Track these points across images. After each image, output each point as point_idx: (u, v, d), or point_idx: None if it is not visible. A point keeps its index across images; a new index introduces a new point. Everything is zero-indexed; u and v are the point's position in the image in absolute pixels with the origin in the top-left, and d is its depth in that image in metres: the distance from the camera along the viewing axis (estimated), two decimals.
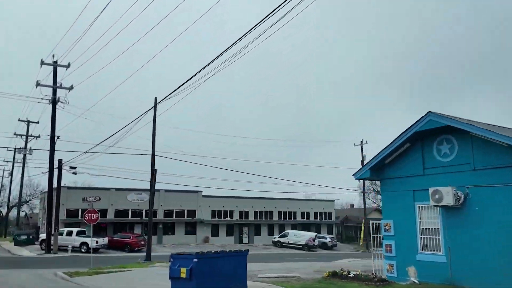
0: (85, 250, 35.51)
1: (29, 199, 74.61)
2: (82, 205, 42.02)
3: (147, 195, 44.46)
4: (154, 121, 24.24)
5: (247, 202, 52.57)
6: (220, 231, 50.25)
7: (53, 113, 36.13)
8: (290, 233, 50.01)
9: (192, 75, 15.72)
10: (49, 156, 35.67)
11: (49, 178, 35.40)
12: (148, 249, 23.25)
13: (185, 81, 16.73)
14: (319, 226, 58.60)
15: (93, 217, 19.91)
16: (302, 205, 57.21)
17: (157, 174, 25.51)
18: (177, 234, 47.03)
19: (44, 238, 35.79)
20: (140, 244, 38.87)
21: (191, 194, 48.66)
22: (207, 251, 10.99)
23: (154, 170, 22.83)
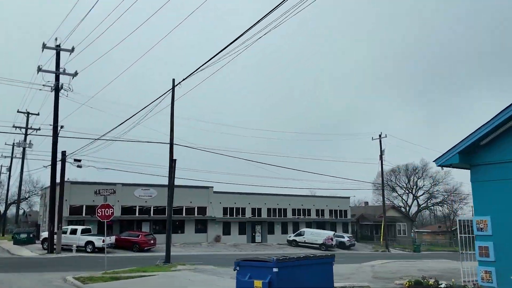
0: (91, 250, 32.95)
1: (29, 195, 71.98)
2: (86, 201, 39.40)
3: (155, 190, 41.87)
4: (172, 105, 21.59)
5: (259, 199, 49.95)
6: (232, 230, 47.64)
7: (56, 101, 33.48)
8: (306, 231, 47.43)
9: (215, 54, 13.54)
10: (51, 148, 33.02)
11: (51, 172, 32.73)
12: (167, 249, 20.63)
13: (207, 60, 14.40)
14: (334, 224, 56.04)
15: (107, 212, 17.31)
16: (317, 202, 54.62)
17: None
18: (187, 233, 44.42)
19: (46, 237, 33.18)
20: (149, 243, 36.29)
21: (202, 190, 46.03)
22: (288, 256, 8.25)
23: (173, 160, 20.19)
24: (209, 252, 38.14)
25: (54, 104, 33.52)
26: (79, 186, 38.96)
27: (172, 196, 20.23)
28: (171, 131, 21.66)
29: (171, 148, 21.51)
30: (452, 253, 53.13)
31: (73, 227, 34.50)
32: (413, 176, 65.89)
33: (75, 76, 33.99)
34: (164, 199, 43.05)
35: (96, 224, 39.26)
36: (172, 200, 20.14)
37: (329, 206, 55.85)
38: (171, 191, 20.36)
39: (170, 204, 19.61)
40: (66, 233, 33.46)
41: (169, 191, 20.99)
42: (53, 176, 32.53)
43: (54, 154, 32.82)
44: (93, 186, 39.82)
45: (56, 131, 33.08)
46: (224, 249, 41.04)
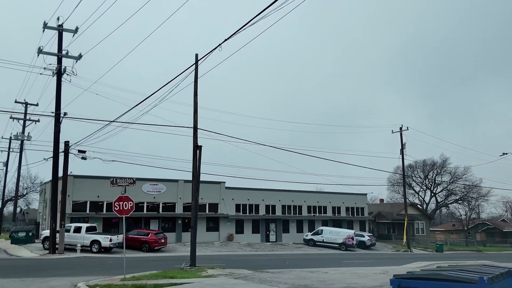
0: (97, 250, 30.14)
1: (26, 192, 68.96)
2: (90, 197, 36.58)
3: (164, 185, 39.03)
4: (195, 82, 18.74)
5: (274, 195, 47.16)
6: (245, 228, 44.86)
7: (58, 86, 30.64)
8: (325, 230, 44.69)
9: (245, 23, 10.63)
10: (53, 137, 30.16)
11: (53, 164, 29.90)
12: (192, 250, 17.79)
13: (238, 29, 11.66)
14: (351, 223, 53.29)
15: (126, 206, 14.49)
16: (333, 198, 51.82)
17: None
18: (198, 231, 40.90)
19: (48, 236, 30.39)
20: (160, 242, 33.49)
21: (213, 185, 43.20)
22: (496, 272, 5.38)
23: (198, 146, 17.41)
24: (224, 252, 35.37)
25: (56, 89, 30.67)
26: (82, 181, 36.11)
27: (197, 189, 17.43)
28: (194, 112, 18.85)
29: (195, 132, 18.69)
30: (476, 253, 50.50)
31: (77, 225, 31.67)
32: (432, 172, 63.15)
33: (79, 60, 31.20)
34: (173, 195, 40.43)
35: (101, 221, 36.48)
36: (197, 192, 17.35)
37: (345, 203, 53.09)
38: (196, 182, 17.53)
39: (196, 196, 16.82)
40: (69, 232, 30.64)
41: (193, 182, 18.15)
42: (55, 169, 29.70)
43: (56, 144, 29.97)
44: (97, 181, 37.01)
45: (58, 119, 30.22)
46: (239, 249, 38.28)
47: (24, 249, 30.98)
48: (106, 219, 37.01)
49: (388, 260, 32.87)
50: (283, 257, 32.37)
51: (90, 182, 36.74)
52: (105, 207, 37.24)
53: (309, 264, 25.70)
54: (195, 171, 18.18)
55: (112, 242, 30.40)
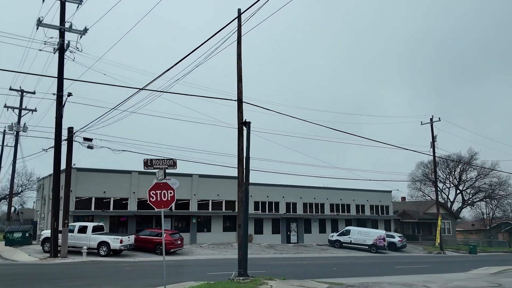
0: (105, 253, 26.32)
1: (21, 190, 64.89)
2: (96, 193, 32.72)
3: (177, 180, 35.18)
4: (238, 43, 14.93)
5: (295, 192, 43.42)
6: (265, 228, 41.10)
7: (60, 64, 26.85)
8: (353, 230, 40.97)
9: None
10: (55, 123, 26.33)
11: (55, 153, 26.10)
12: (243, 256, 13.91)
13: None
14: (376, 222, 49.60)
15: (166, 196, 10.71)
16: (357, 196, 48.11)
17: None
18: (214, 231, 37.80)
19: (48, 237, 26.57)
20: (176, 244, 29.70)
21: (230, 180, 39.28)
22: None
23: (246, 122, 13.70)
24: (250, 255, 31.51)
25: (58, 67, 26.83)
26: (86, 174, 32.23)
27: (247, 177, 13.63)
28: (238, 81, 15.07)
29: (240, 105, 14.89)
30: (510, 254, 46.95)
31: (82, 224, 27.81)
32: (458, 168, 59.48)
33: (84, 34, 27.41)
34: (187, 191, 36.58)
35: (108, 220, 32.61)
36: (247, 181, 13.52)
37: (370, 201, 49.40)
38: (245, 168, 13.73)
39: (245, 186, 12.98)
40: (73, 232, 26.84)
41: (239, 169, 14.35)
42: (56, 159, 25.87)
43: (59, 131, 26.11)
44: (103, 174, 33.24)
45: (60, 102, 26.37)
46: (261, 251, 34.50)
47: (21, 252, 27.12)
48: (113, 218, 33.17)
49: (441, 264, 29.18)
50: (319, 260, 28.66)
51: (96, 176, 32.88)
52: (112, 204, 33.38)
53: (363, 272, 22.03)
54: (242, 154, 14.39)
55: (123, 244, 26.57)
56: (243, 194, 14.29)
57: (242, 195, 14.26)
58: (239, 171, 14.28)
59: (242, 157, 14.45)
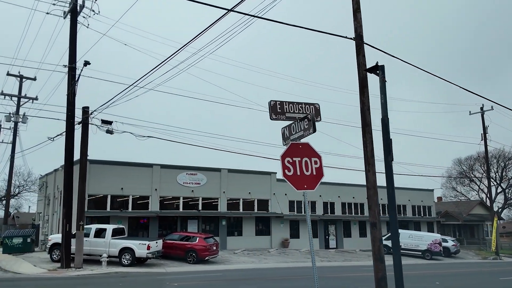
0: (129, 262, 21.53)
1: (18, 191, 59.78)
2: (111, 189, 27.94)
3: (204, 176, 30.55)
4: None
5: (332, 190, 38.66)
6: (301, 231, 36.25)
7: (73, 29, 22.37)
8: (403, 233, 36.17)
9: None
10: (66, 102, 21.61)
11: (66, 138, 21.34)
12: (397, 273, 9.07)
13: None
14: (418, 224, 44.96)
15: (310, 168, 5.98)
16: (398, 195, 42.80)
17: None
18: (246, 235, 32.98)
19: (58, 242, 21.72)
20: (212, 250, 24.85)
21: (262, 176, 34.70)
22: None
23: (377, 67, 8.93)
24: (298, 263, 26.79)
25: (70, 33, 22.22)
26: (101, 168, 27.38)
27: (388, 146, 8.84)
28: (356, 10, 10.40)
29: (360, 45, 10.22)
30: None
31: (100, 227, 22.98)
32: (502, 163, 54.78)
33: None
34: (215, 188, 31.76)
35: (126, 222, 27.76)
36: (389, 149, 8.72)
37: (411, 200, 44.65)
38: (385, 131, 8.98)
39: (389, 156, 8.18)
40: (88, 236, 21.98)
41: (366, 137, 9.58)
42: (69, 146, 21.11)
43: (71, 111, 21.38)
44: (121, 168, 28.47)
45: (73, 76, 21.63)
46: (306, 258, 29.69)
47: (23, 262, 22.24)
48: (132, 219, 28.31)
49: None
50: None
51: (111, 170, 28.06)
52: (131, 203, 28.53)
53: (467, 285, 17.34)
54: (368, 114, 9.65)
55: (150, 251, 21.75)
56: (374, 176, 9.51)
57: (374, 179, 9.49)
58: (367, 142, 9.48)
59: (370, 121, 9.67)
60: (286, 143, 6.61)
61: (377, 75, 9.65)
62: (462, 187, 60.11)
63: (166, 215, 29.35)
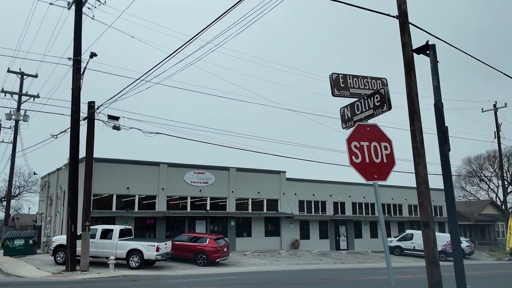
0: (137, 264, 20.48)
1: (19, 192, 58.74)
2: (117, 189, 26.93)
3: (212, 175, 29.55)
4: None
5: (343, 190, 37.68)
6: (311, 231, 35.24)
7: (78, 20, 21.28)
8: (416, 234, 35.19)
9: None
10: (71, 96, 20.62)
11: (71, 135, 20.37)
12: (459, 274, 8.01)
13: None
14: None
15: (379, 155, 4.98)
16: (409, 194, 42.31)
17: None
18: (255, 236, 31.95)
19: (63, 244, 20.76)
20: (223, 252, 23.82)
21: (271, 175, 33.69)
22: None
23: (427, 46, 7.91)
24: (309, 266, 25.78)
25: (75, 24, 21.28)
26: (106, 166, 26.34)
27: (443, 134, 7.78)
28: None
29: (404, 23, 9.20)
30: None
31: (106, 227, 21.97)
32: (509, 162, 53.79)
33: None
34: (224, 188, 30.71)
35: (132, 222, 26.73)
36: (445, 137, 7.69)
37: None
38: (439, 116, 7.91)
39: (445, 147, 7.15)
40: (94, 237, 20.97)
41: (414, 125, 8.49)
42: (74, 142, 20.11)
43: (76, 105, 20.36)
44: (126, 167, 27.45)
45: (78, 68, 20.62)
46: (318, 260, 28.67)
47: (26, 265, 21.21)
48: (138, 220, 27.28)
49: None
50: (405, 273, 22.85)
51: (117, 169, 27.05)
52: (137, 203, 27.50)
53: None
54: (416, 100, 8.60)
55: (160, 253, 20.72)
56: (425, 169, 8.47)
57: (424, 172, 8.45)
58: (416, 131, 8.42)
59: (418, 107, 8.63)
60: (347, 126, 5.61)
61: (426, 56, 8.63)
62: (471, 186, 59.13)
63: (174, 215, 28.31)
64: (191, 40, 13.78)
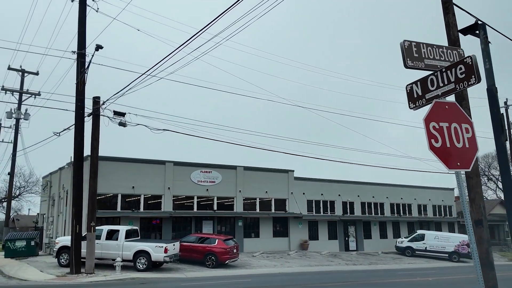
0: (144, 266, 19.65)
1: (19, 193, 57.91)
2: (122, 188, 26.11)
3: (219, 173, 28.83)
4: None
5: (352, 189, 36.86)
6: (320, 232, 34.39)
7: (82, 11, 20.37)
8: (428, 235, 34.39)
9: None
10: (75, 91, 19.84)
11: (76, 131, 19.57)
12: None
13: None
14: (439, 225, 43.10)
15: (461, 139, 4.11)
16: (419, 194, 41.51)
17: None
18: (263, 237, 31.12)
19: (67, 245, 19.89)
20: (232, 253, 22.98)
21: (279, 174, 32.86)
22: None
23: (477, 25, 7.04)
24: (321, 267, 24.94)
25: (79, 17, 20.39)
26: (110, 165, 25.48)
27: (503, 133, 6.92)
28: None
29: None
30: None
31: (112, 228, 21.14)
32: None
33: None
34: (231, 187, 29.88)
35: (138, 223, 25.91)
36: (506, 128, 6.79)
37: (432, 200, 42.76)
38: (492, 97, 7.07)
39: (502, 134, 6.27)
40: (99, 238, 20.15)
41: None
42: (78, 139, 19.29)
43: (81, 101, 19.55)
44: (132, 165, 26.60)
45: (83, 63, 19.81)
46: (329, 261, 27.84)
47: (28, 267, 20.38)
48: (144, 220, 26.45)
49: None
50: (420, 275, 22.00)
51: (122, 168, 26.22)
52: (143, 203, 26.67)
53: None
54: None
55: (168, 254, 19.88)
56: (476, 162, 7.62)
57: (475, 165, 7.61)
58: None
59: (467, 94, 7.79)
60: (417, 105, 4.78)
61: (475, 36, 7.80)
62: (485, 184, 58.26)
63: (180, 215, 27.47)
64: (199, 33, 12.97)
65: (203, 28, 12.68)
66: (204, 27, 12.58)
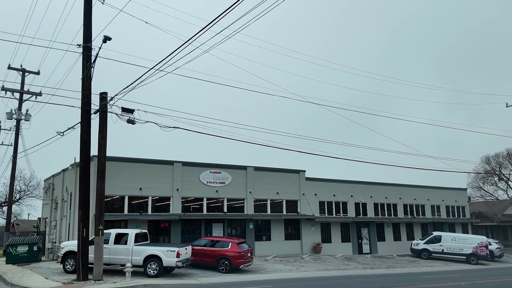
0: (155, 272, 18.55)
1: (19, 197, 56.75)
2: (129, 190, 25.04)
3: (229, 174, 27.71)
4: None
5: (364, 190, 35.80)
6: (333, 234, 33.27)
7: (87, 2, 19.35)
8: (444, 236, 33.30)
9: None
10: (81, 86, 18.79)
11: (82, 129, 18.52)
12: None
13: None
14: (453, 226, 42.03)
15: None
16: (432, 194, 40.44)
17: None
18: (274, 240, 30.02)
19: (73, 250, 18.81)
20: (247, 257, 21.85)
21: (290, 175, 31.81)
22: None
23: None
24: (339, 272, 23.82)
25: (85, 8, 19.39)
26: (116, 165, 24.35)
27: None
28: None
29: None
30: None
31: (120, 231, 20.04)
32: None
33: None
34: (241, 188, 28.66)
35: (146, 226, 24.80)
36: None
37: (445, 201, 41.68)
38: None
39: None
40: (107, 243, 19.03)
41: None
42: (85, 137, 18.23)
43: (87, 97, 18.50)
44: (139, 166, 25.52)
45: (89, 56, 18.75)
46: (345, 265, 26.73)
47: (32, 274, 19.26)
48: (151, 223, 25.34)
49: None
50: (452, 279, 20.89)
51: (128, 168, 25.11)
52: (150, 205, 25.55)
53: None
54: None
55: (180, 259, 18.77)
56: None
57: None
58: None
59: None
60: None
61: None
62: (489, 186, 57.27)
63: (190, 218, 26.35)
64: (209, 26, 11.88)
65: (219, 16, 11.58)
66: (219, 16, 11.48)
